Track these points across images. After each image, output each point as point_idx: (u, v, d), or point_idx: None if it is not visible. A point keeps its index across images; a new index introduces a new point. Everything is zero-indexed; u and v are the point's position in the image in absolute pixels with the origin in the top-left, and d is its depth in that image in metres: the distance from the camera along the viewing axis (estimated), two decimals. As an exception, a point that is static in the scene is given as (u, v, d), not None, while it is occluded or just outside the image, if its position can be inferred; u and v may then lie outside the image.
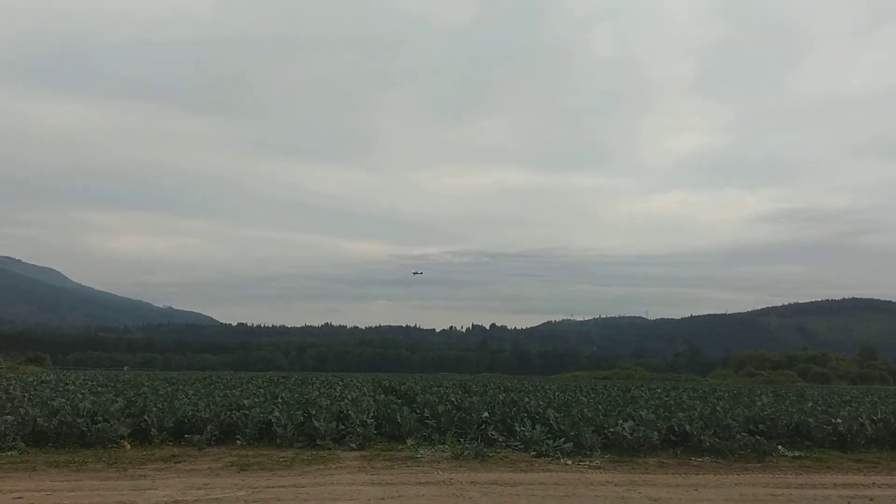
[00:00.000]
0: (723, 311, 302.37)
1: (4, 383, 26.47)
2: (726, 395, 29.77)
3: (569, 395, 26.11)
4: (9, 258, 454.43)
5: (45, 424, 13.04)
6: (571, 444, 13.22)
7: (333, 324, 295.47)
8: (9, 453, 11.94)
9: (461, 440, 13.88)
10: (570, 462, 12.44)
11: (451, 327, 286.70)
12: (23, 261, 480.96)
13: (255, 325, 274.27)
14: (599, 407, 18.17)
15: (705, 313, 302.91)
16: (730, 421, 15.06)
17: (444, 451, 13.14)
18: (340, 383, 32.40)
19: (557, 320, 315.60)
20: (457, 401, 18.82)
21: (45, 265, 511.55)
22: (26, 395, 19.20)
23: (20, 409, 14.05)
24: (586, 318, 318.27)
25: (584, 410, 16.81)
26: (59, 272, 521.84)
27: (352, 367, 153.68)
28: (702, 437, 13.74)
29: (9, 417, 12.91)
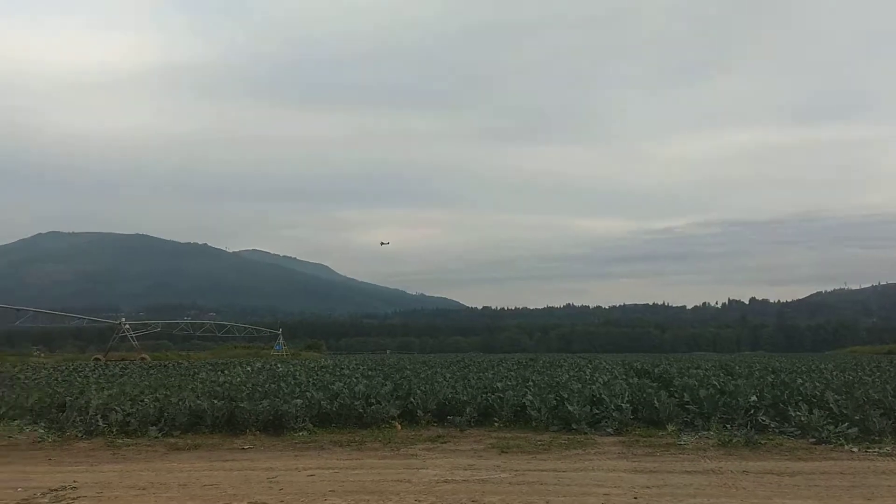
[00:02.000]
0: None
1: (292, 369, 29.99)
2: None
3: (849, 374, 23.35)
4: (287, 257, 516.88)
5: (328, 407, 14.49)
6: (856, 429, 11.78)
7: (575, 304, 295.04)
8: (300, 433, 13.44)
9: (727, 426, 12.99)
10: (855, 449, 11.09)
11: (704, 303, 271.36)
12: (298, 258, 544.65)
13: (499, 308, 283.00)
14: (888, 387, 15.98)
15: None
16: None
17: (709, 438, 12.38)
18: (589, 366, 32.09)
19: (828, 290, 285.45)
20: (719, 384, 17.67)
21: (316, 261, 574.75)
22: (310, 379, 21.54)
23: (307, 393, 15.77)
24: (862, 286, 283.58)
25: (870, 391, 14.89)
26: (328, 267, 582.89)
27: (597, 348, 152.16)
28: None
29: (298, 401, 14.54)
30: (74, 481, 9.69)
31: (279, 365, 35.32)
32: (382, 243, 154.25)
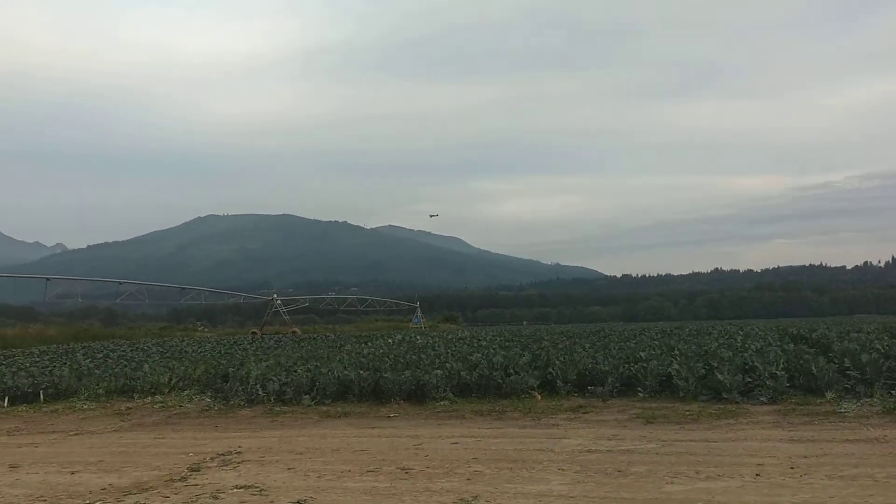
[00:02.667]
0: None
1: (431, 341, 30.72)
2: None
3: None
4: (423, 231, 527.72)
5: (468, 377, 14.71)
6: None
7: (724, 268, 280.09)
8: (441, 403, 13.74)
9: (892, 392, 11.95)
10: None
11: (866, 263, 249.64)
12: (433, 232, 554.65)
13: (640, 276, 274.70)
14: None
15: None
16: None
17: (872, 406, 11.46)
18: (740, 332, 30.48)
19: None
20: (883, 348, 16.24)
21: (450, 234, 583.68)
22: (449, 351, 21.96)
23: (446, 364, 16.09)
24: None
25: None
26: (461, 240, 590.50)
27: (749, 314, 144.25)
28: None
29: (438, 372, 14.87)
30: (239, 446, 10.44)
31: (418, 337, 36.28)
32: (431, 216, 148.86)
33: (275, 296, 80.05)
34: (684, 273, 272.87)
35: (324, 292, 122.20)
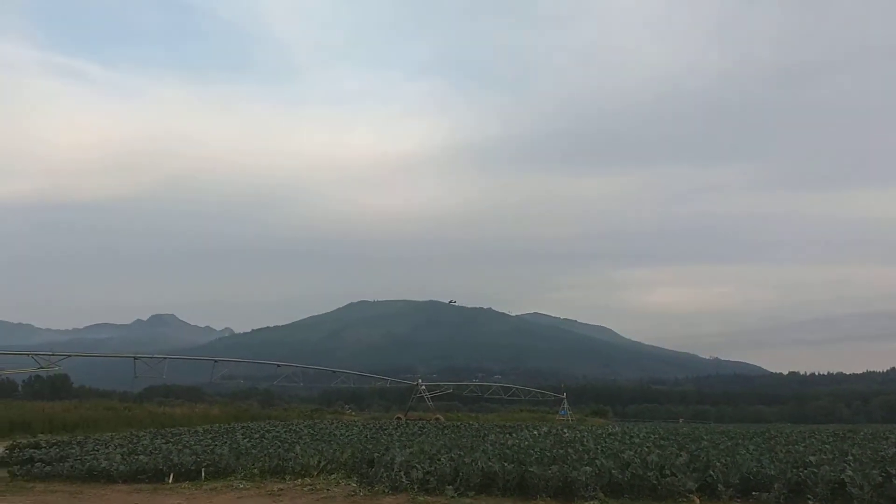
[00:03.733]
0: None
1: (578, 435, 29.51)
2: None
3: None
4: (568, 320, 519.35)
5: (619, 476, 13.90)
6: None
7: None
8: (590, 503, 13.00)
9: None
10: None
11: None
12: (578, 321, 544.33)
13: (808, 374, 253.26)
14: None
15: None
16: None
17: None
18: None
19: None
20: None
21: (597, 323, 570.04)
22: (598, 446, 20.96)
23: (596, 461, 15.32)
24: None
25: None
26: (610, 329, 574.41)
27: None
28: None
29: (587, 468, 14.17)
30: (383, 535, 10.37)
31: (565, 430, 34.99)
32: (451, 302, 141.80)
33: (419, 381, 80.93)
34: (857, 372, 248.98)
35: (467, 378, 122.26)
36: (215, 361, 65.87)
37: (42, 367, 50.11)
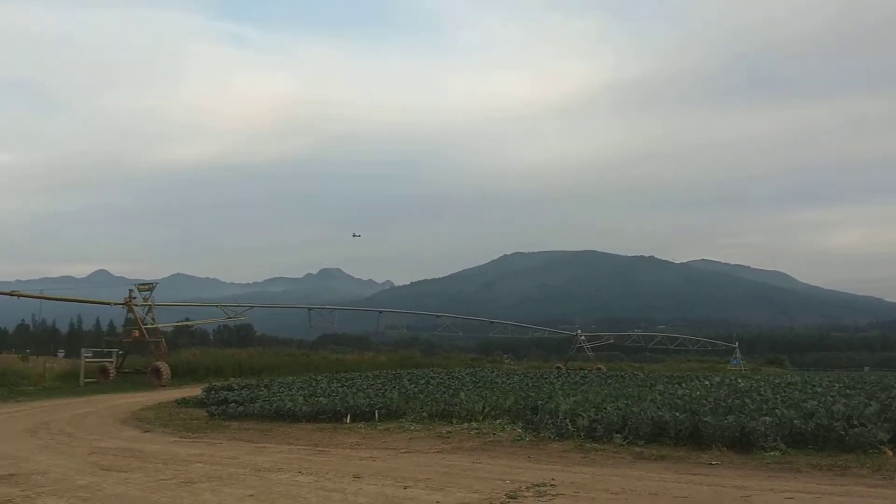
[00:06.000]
0: None
1: (755, 384, 28.06)
2: None
3: None
4: (739, 266, 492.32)
5: (802, 427, 13.03)
6: None
7: None
8: (771, 453, 12.31)
9: None
10: None
11: None
12: (751, 266, 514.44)
13: None
14: None
15: None
16: None
17: None
18: None
19: None
20: None
21: (772, 269, 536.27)
22: (777, 396, 19.78)
23: (776, 411, 14.45)
24: None
25: None
26: (786, 274, 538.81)
27: None
28: None
29: (767, 419, 13.39)
30: (552, 479, 10.42)
31: (739, 380, 33.37)
32: (355, 235, 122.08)
33: (579, 331, 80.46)
34: None
35: (628, 329, 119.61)
36: (380, 312, 69.23)
37: (230, 318, 55.14)
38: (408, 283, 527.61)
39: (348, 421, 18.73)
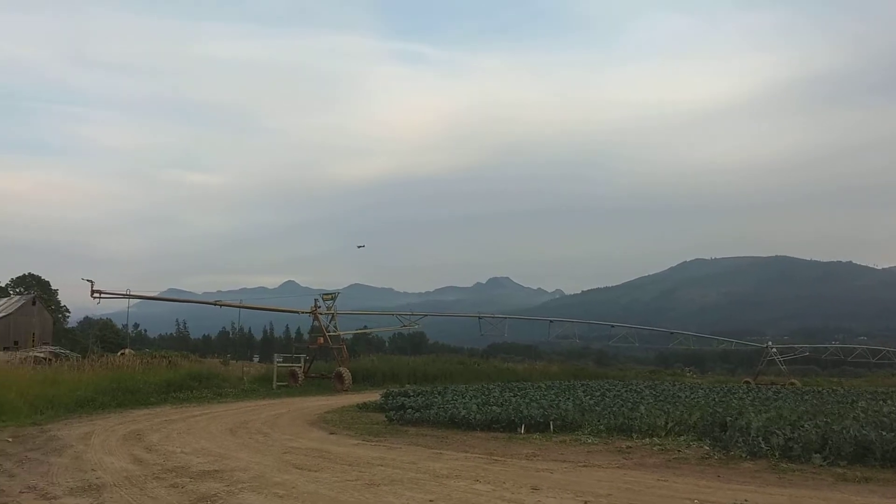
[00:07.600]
0: None
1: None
2: None
3: None
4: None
5: None
6: None
7: None
8: None
9: None
10: None
11: None
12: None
13: None
14: None
15: None
16: None
17: None
18: None
19: None
20: None
21: None
22: None
23: None
24: None
25: None
26: None
27: None
28: None
29: None
30: (745, 500, 9.67)
31: (961, 398, 29.32)
32: (359, 246, 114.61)
33: (769, 343, 74.83)
34: None
35: (823, 341, 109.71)
36: (551, 321, 68.51)
37: (405, 326, 57.13)
38: (579, 291, 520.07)
39: (522, 431, 18.59)
